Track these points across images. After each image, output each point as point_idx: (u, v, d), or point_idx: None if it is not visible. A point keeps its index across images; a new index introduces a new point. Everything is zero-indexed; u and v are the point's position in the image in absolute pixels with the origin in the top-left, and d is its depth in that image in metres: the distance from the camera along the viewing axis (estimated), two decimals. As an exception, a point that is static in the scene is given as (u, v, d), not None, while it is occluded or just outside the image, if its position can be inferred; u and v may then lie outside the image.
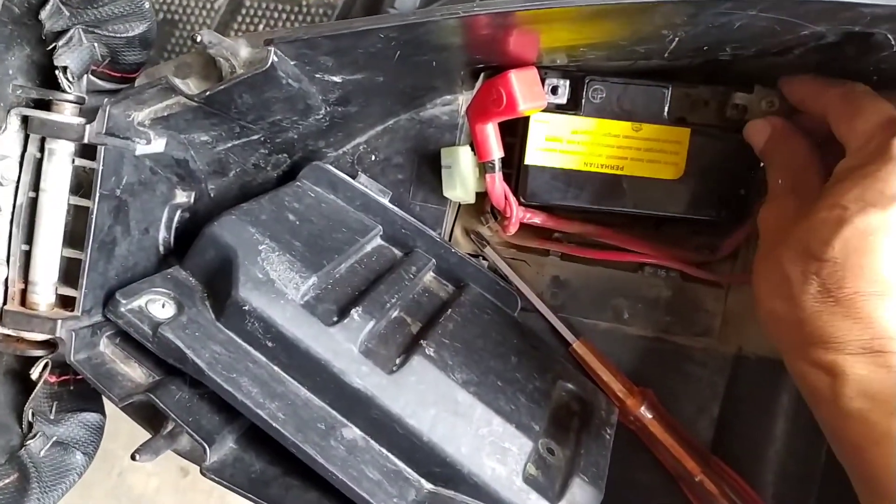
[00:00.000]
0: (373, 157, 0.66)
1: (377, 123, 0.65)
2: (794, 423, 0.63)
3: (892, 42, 0.45)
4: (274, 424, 0.47)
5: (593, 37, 0.51)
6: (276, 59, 0.45)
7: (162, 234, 0.56)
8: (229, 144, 0.57)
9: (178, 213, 0.57)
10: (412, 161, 0.66)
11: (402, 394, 0.50)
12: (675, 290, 0.65)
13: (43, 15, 0.41)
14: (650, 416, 0.63)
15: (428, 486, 0.49)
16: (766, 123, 0.54)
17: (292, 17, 1.07)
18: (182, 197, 0.57)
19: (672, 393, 0.65)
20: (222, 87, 0.45)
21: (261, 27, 1.09)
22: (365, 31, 0.43)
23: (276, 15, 1.07)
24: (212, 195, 0.61)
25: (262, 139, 0.58)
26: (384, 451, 0.50)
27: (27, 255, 0.47)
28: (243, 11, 1.08)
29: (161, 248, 0.56)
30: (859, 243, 0.41)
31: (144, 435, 0.49)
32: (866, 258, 0.41)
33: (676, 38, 0.48)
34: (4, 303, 0.47)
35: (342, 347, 0.50)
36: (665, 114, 0.59)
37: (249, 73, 0.45)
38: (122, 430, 0.54)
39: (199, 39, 0.42)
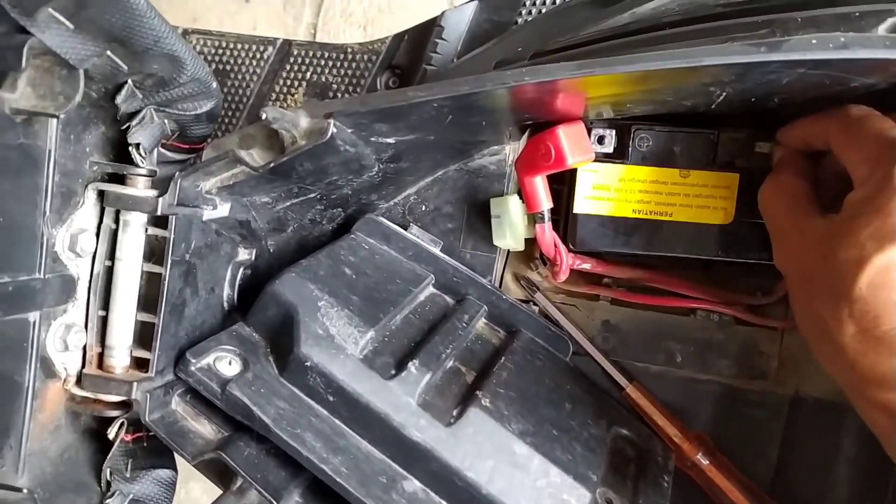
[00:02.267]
0: (423, 208, 0.68)
1: (427, 175, 0.67)
2: (856, 467, 0.62)
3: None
4: (338, 479, 0.49)
5: (639, 95, 0.52)
6: (335, 129, 0.47)
7: (226, 291, 0.59)
8: (288, 203, 0.59)
9: (241, 270, 0.59)
10: (462, 210, 0.67)
11: (460, 446, 0.51)
12: (729, 333, 0.65)
13: (119, 99, 0.44)
14: (707, 461, 0.62)
15: (488, 538, 0.50)
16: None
17: (338, 64, 1.10)
18: (244, 255, 0.60)
19: (728, 437, 0.65)
20: (285, 158, 0.47)
21: (308, 74, 1.13)
22: (419, 103, 0.45)
23: (322, 63, 1.11)
24: (271, 251, 0.63)
25: (319, 196, 0.61)
26: (444, 503, 0.51)
27: (104, 321, 0.49)
28: (291, 60, 1.12)
29: (226, 305, 0.59)
30: (884, 280, 0.41)
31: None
32: (894, 293, 0.41)
33: (724, 94, 0.49)
34: (83, 367, 0.49)
35: (401, 401, 0.51)
36: (713, 159, 0.59)
37: (311, 144, 0.47)
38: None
39: (263, 116, 0.45)
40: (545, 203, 0.60)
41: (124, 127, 0.46)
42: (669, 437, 0.63)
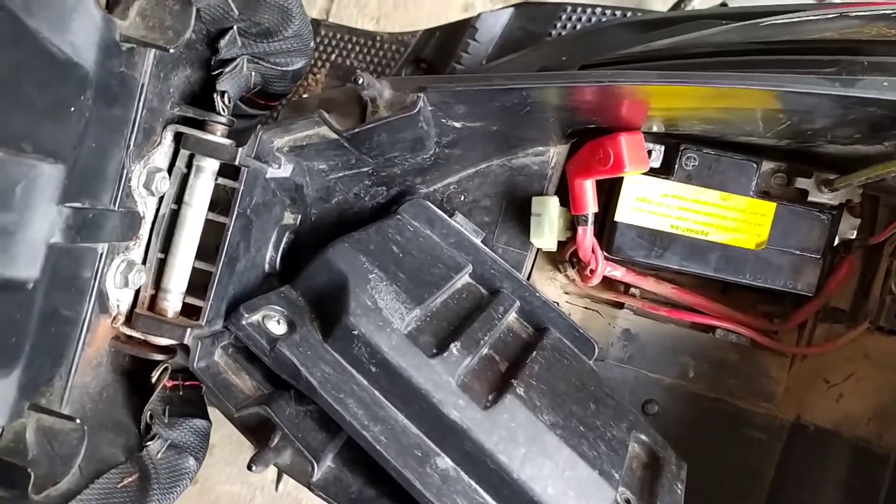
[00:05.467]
0: (462, 198, 0.69)
1: (471, 166, 0.68)
2: (847, 494, 0.65)
3: None
4: (377, 447, 0.49)
5: (703, 113, 0.55)
6: (423, 104, 0.48)
7: (270, 253, 0.58)
8: (341, 174, 0.60)
9: (287, 234, 0.59)
10: (499, 205, 0.69)
11: (495, 430, 0.52)
12: (742, 355, 0.68)
13: (221, 43, 0.44)
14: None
15: (514, 522, 0.51)
16: None
17: (365, 50, 1.11)
18: (289, 219, 0.60)
19: (728, 455, 0.67)
20: (368, 126, 0.48)
21: (333, 56, 1.13)
22: (511, 90, 0.46)
23: (349, 46, 1.11)
24: (313, 220, 0.63)
25: (370, 171, 0.61)
26: (473, 483, 0.52)
27: (161, 264, 0.49)
28: (318, 39, 1.12)
29: (267, 267, 0.59)
30: None
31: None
32: None
33: (788, 122, 0.51)
34: (133, 307, 0.49)
35: (442, 379, 0.52)
36: (752, 186, 0.62)
37: (396, 115, 0.48)
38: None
39: (360, 81, 0.45)
40: (591, 206, 0.61)
41: (216, 73, 0.46)
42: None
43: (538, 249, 0.70)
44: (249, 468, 0.46)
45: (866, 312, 0.64)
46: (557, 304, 0.69)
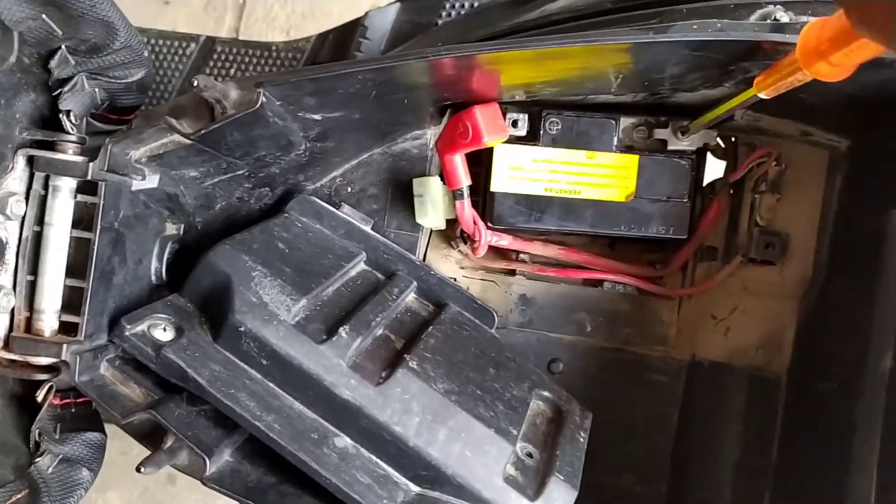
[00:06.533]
0: (349, 189, 0.71)
1: (352, 158, 0.70)
2: (746, 422, 0.69)
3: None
4: (271, 435, 0.50)
5: (547, 75, 0.57)
6: (264, 99, 0.49)
7: (154, 264, 0.59)
8: (216, 179, 0.61)
9: (169, 244, 0.60)
10: (386, 192, 0.70)
11: (388, 404, 0.54)
12: (633, 304, 0.71)
13: (52, 63, 0.45)
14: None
15: (415, 488, 0.53)
16: None
17: (262, 62, 1.12)
18: (172, 229, 0.61)
19: (634, 400, 0.70)
20: (215, 126, 0.49)
21: (231, 71, 1.13)
22: (345, 74, 0.48)
23: (245, 59, 1.12)
24: (199, 227, 0.64)
25: (247, 174, 0.63)
26: (373, 457, 0.54)
27: (32, 286, 0.50)
28: (214, 56, 1.13)
29: (153, 278, 0.60)
30: None
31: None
32: None
33: (620, 76, 0.54)
34: (10, 331, 0.50)
35: (332, 363, 0.54)
36: (615, 142, 0.65)
37: (240, 112, 0.49)
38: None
39: (195, 84, 0.47)
40: (464, 180, 0.64)
41: (56, 93, 0.47)
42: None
43: (431, 229, 0.72)
44: (138, 471, 0.47)
45: (738, 247, 0.68)
46: (455, 279, 0.71)
